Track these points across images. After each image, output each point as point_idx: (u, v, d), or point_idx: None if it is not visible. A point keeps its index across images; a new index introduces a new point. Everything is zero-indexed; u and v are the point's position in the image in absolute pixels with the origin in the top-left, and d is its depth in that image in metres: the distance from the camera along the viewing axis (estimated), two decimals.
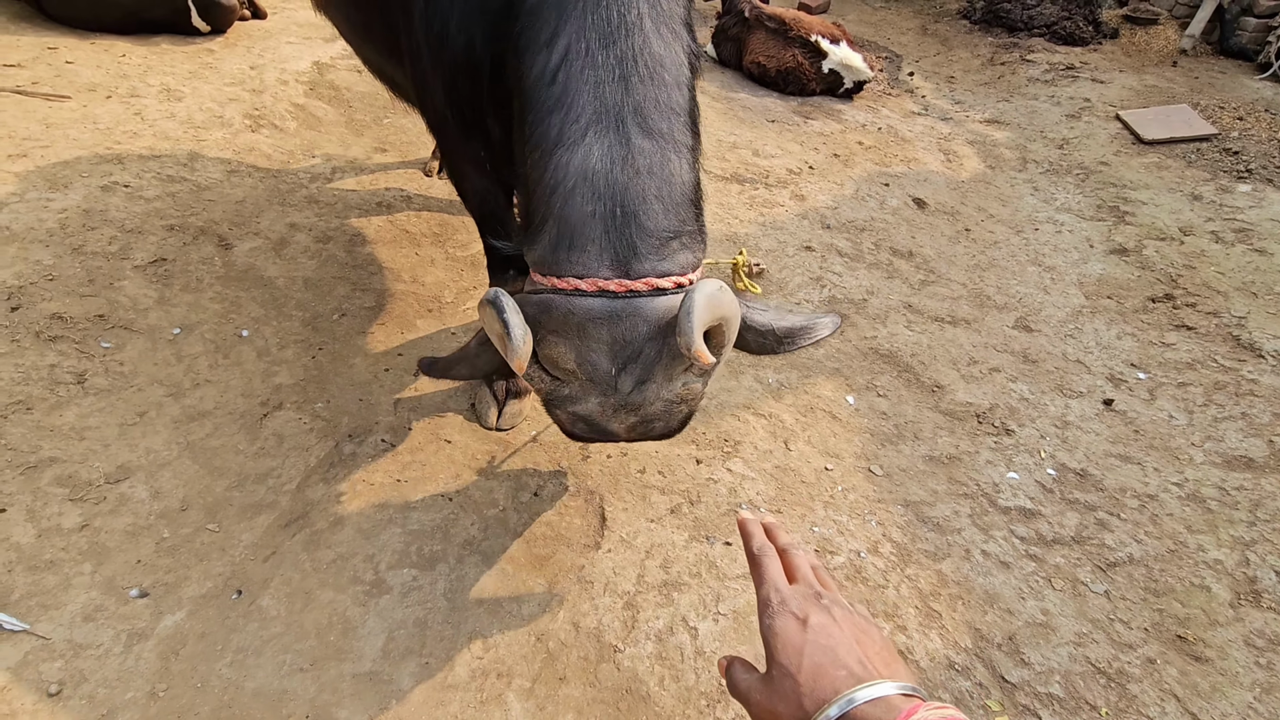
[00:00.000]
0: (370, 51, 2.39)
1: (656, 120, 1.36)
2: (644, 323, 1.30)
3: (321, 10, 2.61)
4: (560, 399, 1.41)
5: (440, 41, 1.66)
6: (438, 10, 1.64)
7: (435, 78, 1.76)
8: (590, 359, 1.32)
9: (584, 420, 1.43)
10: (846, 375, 3.03)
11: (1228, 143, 5.04)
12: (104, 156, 3.29)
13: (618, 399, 1.36)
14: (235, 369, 2.55)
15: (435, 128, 2.00)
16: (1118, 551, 2.36)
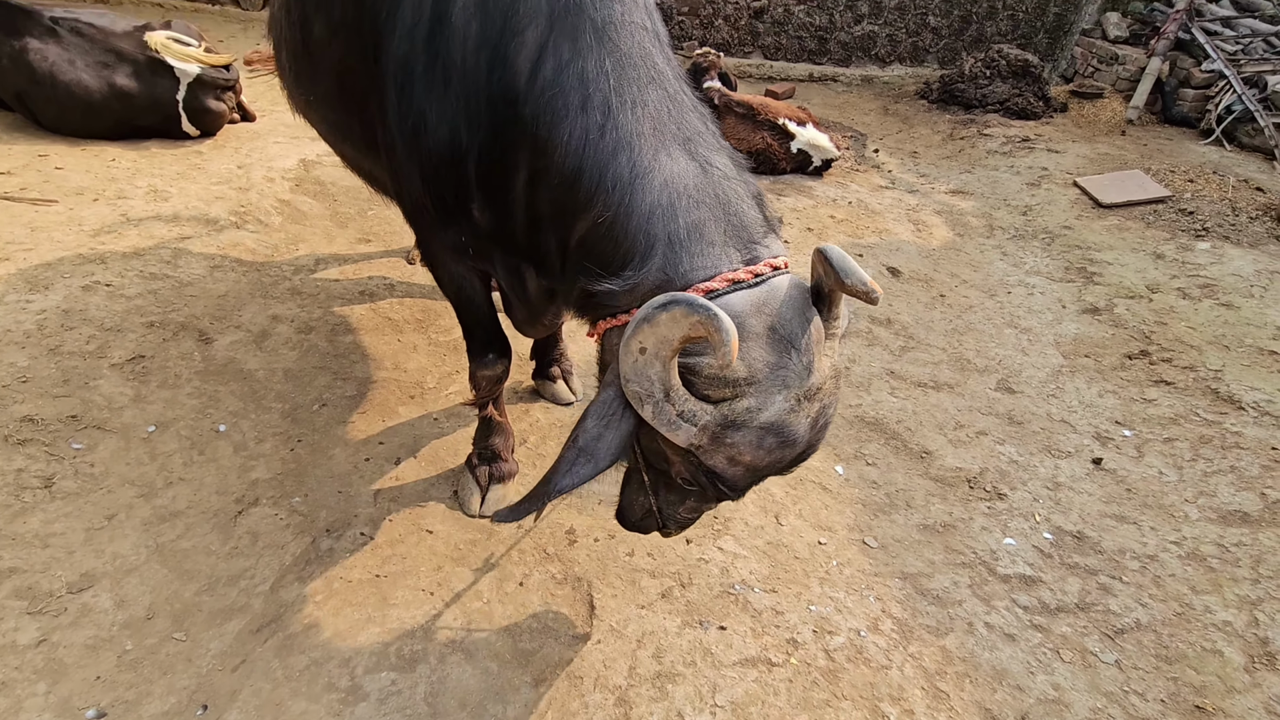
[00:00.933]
0: (348, 148, 2.47)
1: (711, 140, 1.55)
2: (785, 302, 1.35)
3: (300, 112, 2.70)
4: (741, 419, 1.29)
5: (416, 133, 1.71)
6: (412, 105, 1.69)
7: (412, 168, 1.79)
8: (755, 356, 1.30)
9: (773, 431, 1.31)
10: (834, 444, 3.01)
11: (1182, 204, 5.27)
12: (87, 257, 3.32)
13: (798, 386, 1.30)
14: (210, 465, 2.49)
15: (411, 217, 2.04)
16: (1124, 617, 2.29)
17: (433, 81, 1.65)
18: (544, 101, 1.50)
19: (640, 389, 1.30)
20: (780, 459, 1.37)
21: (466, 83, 1.61)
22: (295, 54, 2.30)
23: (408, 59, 1.68)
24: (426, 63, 1.65)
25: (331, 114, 2.32)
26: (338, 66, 2.09)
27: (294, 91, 2.53)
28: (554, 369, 3.07)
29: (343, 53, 2.04)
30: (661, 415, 1.30)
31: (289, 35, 2.31)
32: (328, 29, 2.08)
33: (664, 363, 1.26)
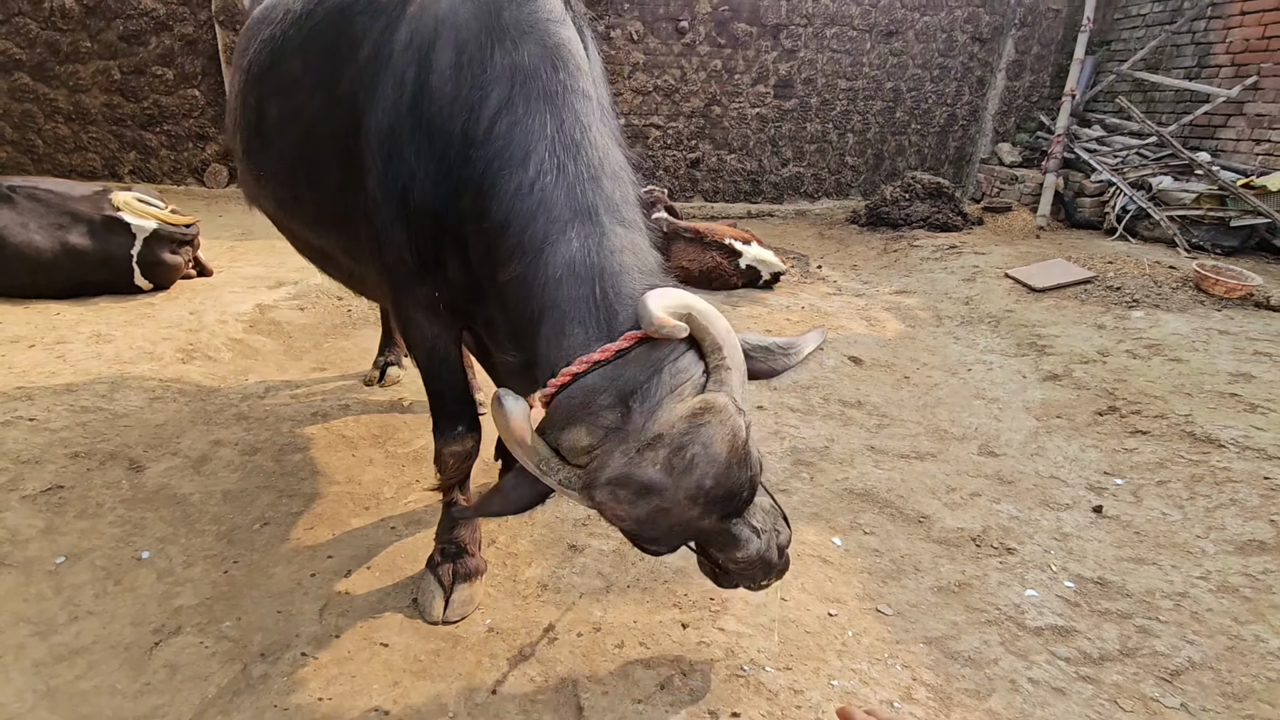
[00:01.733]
0: (296, 224, 2.45)
1: (625, 211, 1.58)
2: (634, 366, 1.37)
3: (250, 194, 2.75)
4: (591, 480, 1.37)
5: (405, 192, 1.76)
6: (401, 167, 1.75)
7: (397, 227, 1.82)
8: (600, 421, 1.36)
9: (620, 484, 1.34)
10: (826, 518, 2.82)
11: (1108, 282, 5.60)
12: (11, 395, 3.10)
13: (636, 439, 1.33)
14: (127, 595, 2.16)
15: (390, 279, 1.98)
16: (1174, 658, 2.05)
17: (419, 144, 1.73)
18: (494, 150, 1.60)
19: (529, 463, 1.42)
20: (655, 509, 1.35)
21: (445, 140, 1.69)
22: (249, 136, 2.38)
23: (393, 128, 1.77)
24: (412, 127, 1.74)
25: (282, 190, 2.34)
26: (294, 148, 2.15)
27: (246, 170, 2.58)
28: None
29: (300, 134, 2.10)
30: (550, 478, 1.42)
31: (244, 119, 2.39)
32: (284, 115, 2.16)
33: (527, 446, 1.39)
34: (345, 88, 1.90)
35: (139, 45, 7.91)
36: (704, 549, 1.60)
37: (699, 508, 1.38)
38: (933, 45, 9.47)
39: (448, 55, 1.68)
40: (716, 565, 1.62)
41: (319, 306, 5.10)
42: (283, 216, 2.51)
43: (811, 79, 9.36)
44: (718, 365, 1.40)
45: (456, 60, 1.67)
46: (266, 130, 2.24)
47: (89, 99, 8.01)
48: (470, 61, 1.65)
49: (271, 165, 2.30)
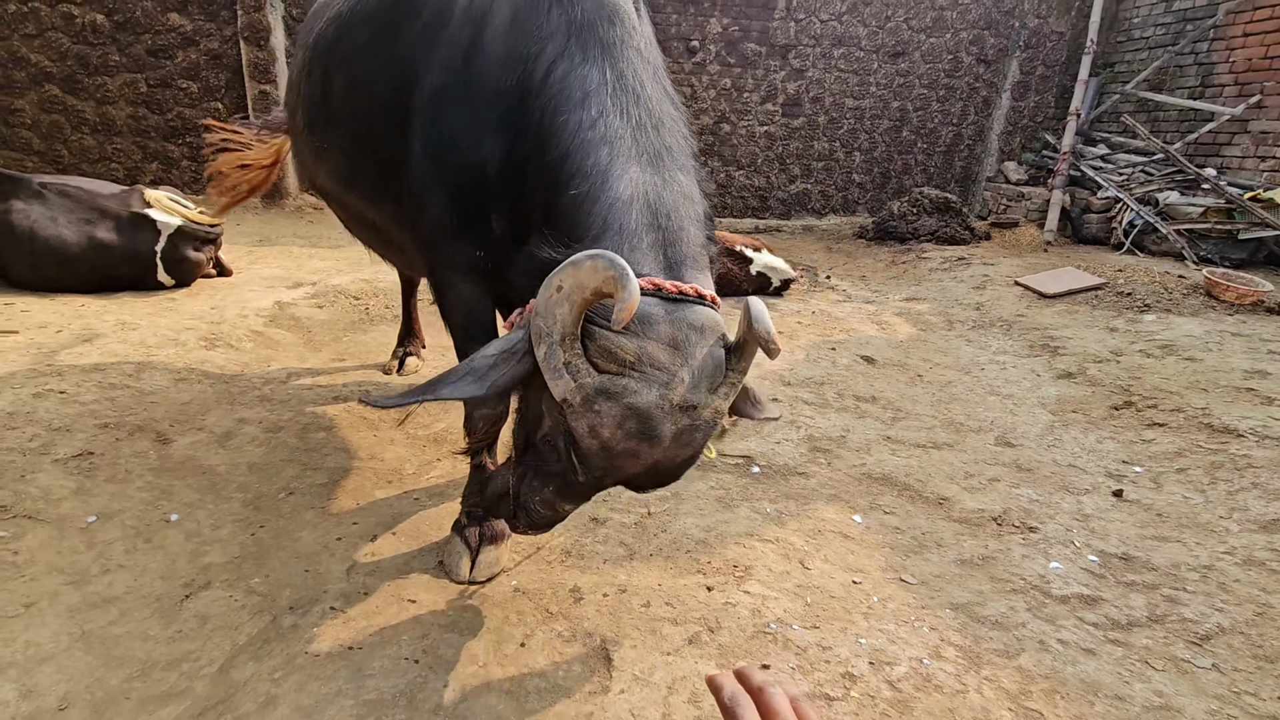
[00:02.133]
0: (353, 197, 2.52)
1: (682, 159, 1.65)
2: (693, 327, 1.38)
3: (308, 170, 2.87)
4: (615, 392, 1.33)
5: (448, 149, 1.83)
6: (446, 125, 1.83)
7: (438, 188, 1.88)
8: (649, 350, 1.34)
9: (637, 417, 1.33)
10: (846, 499, 2.83)
11: (1118, 288, 5.64)
12: (42, 371, 3.15)
13: (675, 392, 1.34)
14: (157, 552, 2.17)
15: (427, 242, 2.03)
16: (1204, 624, 2.04)
17: (465, 100, 1.81)
18: (550, 95, 1.66)
19: (544, 325, 1.36)
20: (634, 452, 1.37)
21: (494, 95, 1.77)
22: (312, 110, 2.48)
23: (443, 87, 1.85)
24: (461, 84, 1.82)
25: (342, 162, 2.42)
26: (356, 115, 2.23)
27: (306, 145, 2.66)
28: None
29: (364, 101, 2.18)
30: (551, 358, 1.36)
31: (307, 93, 2.49)
32: (348, 83, 2.24)
33: (572, 306, 1.32)
34: (405, 52, 1.98)
35: (166, 59, 8.12)
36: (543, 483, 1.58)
37: (648, 475, 1.46)
38: (939, 66, 9.65)
39: (503, 14, 1.76)
40: (520, 502, 1.64)
41: (337, 305, 5.17)
42: (340, 190, 2.58)
43: (819, 98, 9.54)
44: (737, 374, 1.45)
45: (513, 18, 1.75)
46: (331, 101, 2.33)
47: (115, 111, 8.21)
48: (525, 19, 1.73)
49: (334, 137, 2.39)
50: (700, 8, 8.89)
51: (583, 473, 1.43)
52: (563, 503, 1.59)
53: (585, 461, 1.41)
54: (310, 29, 2.62)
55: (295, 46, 2.84)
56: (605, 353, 1.35)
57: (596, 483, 1.48)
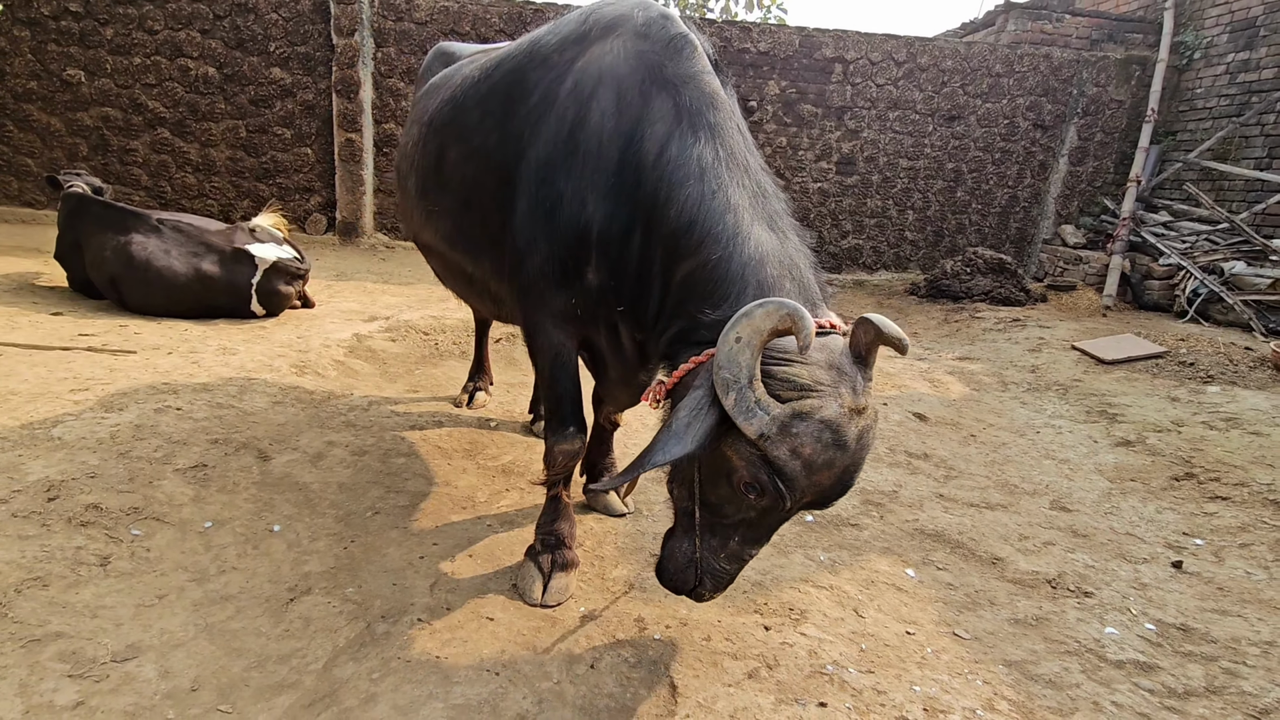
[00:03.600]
0: (457, 254, 2.79)
1: (789, 221, 1.97)
2: (839, 350, 1.66)
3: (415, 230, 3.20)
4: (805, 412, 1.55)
5: (553, 210, 2.09)
6: (552, 189, 2.09)
7: (541, 243, 2.13)
8: (817, 374, 1.60)
9: (830, 428, 1.55)
10: (899, 553, 2.90)
11: (1180, 357, 5.58)
12: (159, 389, 3.49)
13: (851, 400, 1.59)
14: (264, 558, 2.40)
15: (524, 291, 2.27)
16: (1263, 698, 2.05)
17: (570, 168, 2.07)
18: (669, 172, 1.92)
19: (729, 375, 1.55)
20: (830, 461, 1.58)
21: (599, 165, 2.03)
22: (426, 177, 2.78)
23: (550, 157, 2.12)
24: (565, 154, 2.08)
25: (448, 223, 2.71)
26: (467, 182, 2.52)
27: (416, 209, 2.96)
28: (606, 479, 3.07)
29: (475, 170, 2.47)
30: (742, 402, 1.54)
31: (421, 163, 2.80)
32: (462, 154, 2.54)
33: (753, 351, 1.53)
34: (515, 127, 2.26)
35: (265, 108, 8.89)
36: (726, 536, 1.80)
37: (838, 484, 1.65)
38: (994, 130, 9.80)
39: (608, 98, 2.02)
40: (705, 567, 1.83)
41: (408, 340, 5.50)
42: (445, 247, 2.87)
43: (874, 157, 9.76)
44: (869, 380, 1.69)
45: (617, 103, 2.01)
46: (444, 171, 2.63)
47: (216, 153, 8.98)
48: (631, 104, 2.00)
49: (444, 202, 2.69)
50: (760, 71, 9.29)
51: (789, 497, 1.60)
52: (748, 549, 1.81)
53: (790, 484, 1.58)
54: (425, 108, 2.94)
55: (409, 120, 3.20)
56: (784, 383, 1.58)
57: (791, 510, 1.68)
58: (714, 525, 1.79)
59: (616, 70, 2.05)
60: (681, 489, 1.84)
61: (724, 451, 1.66)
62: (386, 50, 8.82)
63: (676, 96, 1.97)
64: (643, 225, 1.96)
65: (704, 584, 1.82)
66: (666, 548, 1.92)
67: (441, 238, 2.83)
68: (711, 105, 1.97)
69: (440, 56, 3.47)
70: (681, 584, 1.87)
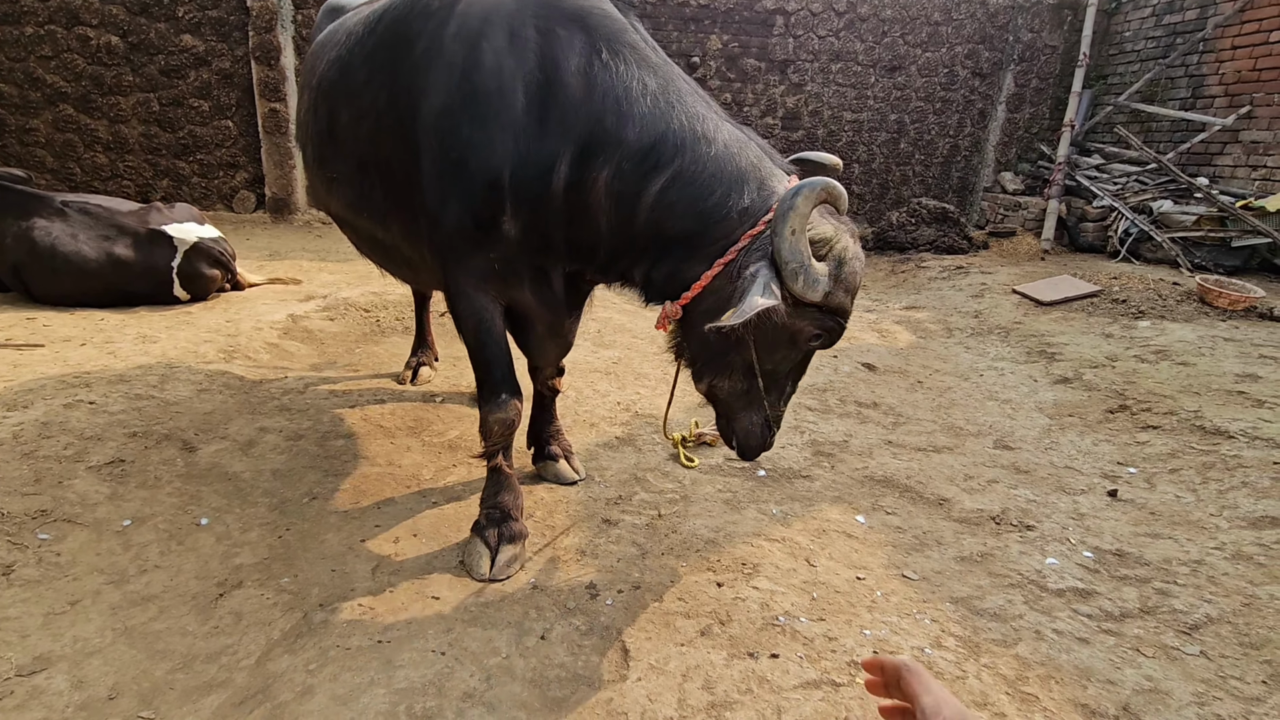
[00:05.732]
0: (364, 220, 2.63)
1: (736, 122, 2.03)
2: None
3: (320, 200, 2.98)
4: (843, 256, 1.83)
5: (462, 162, 1.95)
6: (458, 139, 1.95)
7: (452, 199, 2.00)
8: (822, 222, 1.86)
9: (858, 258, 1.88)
10: (849, 500, 2.92)
11: (1113, 295, 5.75)
12: (70, 383, 3.26)
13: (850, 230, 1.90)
14: (190, 554, 2.27)
15: (442, 251, 2.14)
16: (1193, 614, 2.13)
17: (472, 114, 1.94)
18: (611, 98, 1.86)
19: (795, 263, 1.72)
20: (858, 274, 1.87)
21: (504, 106, 1.90)
22: (322, 143, 2.58)
23: (446, 106, 1.98)
24: (463, 101, 1.94)
25: (351, 190, 2.53)
26: (362, 145, 2.35)
27: (318, 178, 2.78)
28: (553, 448, 3.00)
29: (369, 130, 2.30)
30: (809, 278, 1.73)
31: (315, 129, 2.61)
32: (353, 116, 2.36)
33: (805, 237, 1.73)
34: (404, 82, 2.10)
35: (179, 79, 8.31)
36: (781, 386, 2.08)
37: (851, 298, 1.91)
38: (935, 79, 9.83)
39: (499, 37, 1.90)
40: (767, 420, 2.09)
41: (348, 318, 5.28)
42: (352, 215, 2.70)
43: (818, 111, 9.71)
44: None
45: (511, 41, 1.89)
46: (338, 135, 2.45)
47: (128, 129, 8.38)
48: (527, 40, 1.88)
49: (343, 167, 2.50)
50: (700, 25, 9.08)
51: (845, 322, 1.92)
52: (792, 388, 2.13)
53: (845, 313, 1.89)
54: (313, 69, 2.74)
55: (300, 86, 2.99)
56: (817, 244, 1.79)
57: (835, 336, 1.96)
58: (773, 384, 2.02)
59: (502, 7, 1.93)
60: (731, 378, 2.00)
61: (788, 324, 1.82)
62: (308, 12, 8.30)
63: (584, 26, 1.89)
64: (573, 161, 1.89)
65: (771, 431, 2.10)
66: (739, 430, 2.11)
67: (347, 206, 2.66)
68: (624, 30, 1.93)
69: (329, 12, 3.23)
70: (765, 445, 2.13)
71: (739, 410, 2.08)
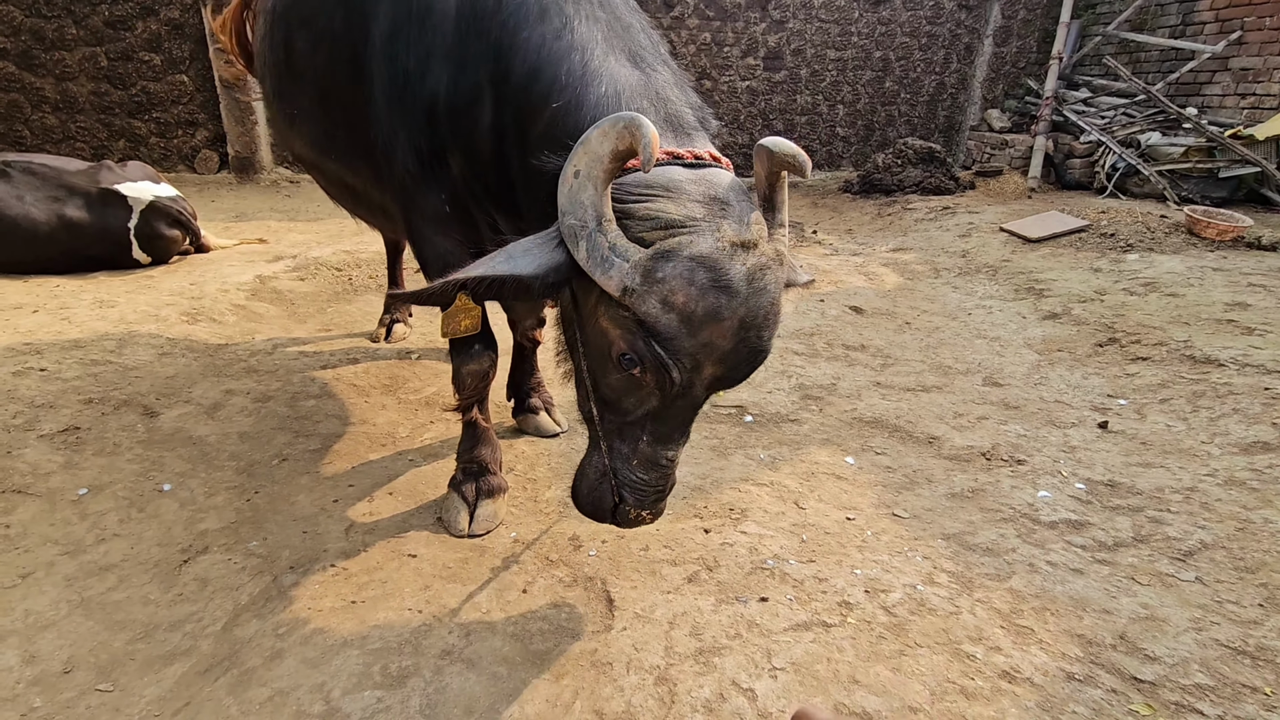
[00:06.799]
0: (330, 161, 2.45)
1: (659, 58, 1.67)
2: (719, 183, 1.39)
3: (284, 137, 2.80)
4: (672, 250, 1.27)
5: (405, 86, 1.78)
6: (399, 63, 1.79)
7: (399, 130, 1.84)
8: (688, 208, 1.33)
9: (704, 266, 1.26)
10: (838, 443, 2.86)
11: (1101, 230, 5.66)
12: (19, 350, 3.09)
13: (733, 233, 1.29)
14: (152, 521, 2.17)
15: (399, 193, 1.99)
16: (1186, 541, 2.10)
17: (412, 34, 1.77)
18: (507, 15, 1.64)
19: (575, 219, 1.29)
20: (716, 311, 1.27)
21: (437, 25, 1.73)
22: (280, 74, 2.40)
23: (391, 27, 1.81)
24: (405, 18, 1.78)
25: (314, 127, 2.35)
26: (321, 75, 2.17)
27: (280, 113, 2.60)
28: (534, 401, 2.90)
29: (326, 58, 2.12)
30: (595, 251, 1.28)
31: (272, 59, 2.41)
32: (310, 42, 2.17)
33: (596, 185, 1.27)
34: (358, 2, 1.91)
35: (125, 30, 7.83)
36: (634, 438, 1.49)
37: (734, 342, 1.30)
38: (920, 13, 9.49)
39: None
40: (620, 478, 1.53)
41: (319, 277, 5.09)
42: (316, 155, 2.51)
43: (801, 50, 9.38)
44: (777, 222, 1.49)
45: None
46: (295, 63, 2.26)
47: (76, 87, 7.93)
48: None
49: (303, 100, 2.31)
50: None
51: (675, 366, 1.31)
52: (662, 450, 1.47)
53: (672, 347, 1.29)
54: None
55: (257, 10, 2.75)
56: (646, 223, 1.30)
57: (691, 383, 1.36)
58: (619, 427, 1.49)
59: None
60: (580, 393, 1.58)
61: (599, 323, 1.39)
62: None
63: None
64: (491, 87, 1.68)
65: (624, 500, 1.51)
66: (579, 468, 1.64)
67: (311, 145, 2.48)
68: None
69: None
70: (600, 505, 1.57)
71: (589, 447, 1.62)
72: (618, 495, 1.53)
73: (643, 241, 1.30)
